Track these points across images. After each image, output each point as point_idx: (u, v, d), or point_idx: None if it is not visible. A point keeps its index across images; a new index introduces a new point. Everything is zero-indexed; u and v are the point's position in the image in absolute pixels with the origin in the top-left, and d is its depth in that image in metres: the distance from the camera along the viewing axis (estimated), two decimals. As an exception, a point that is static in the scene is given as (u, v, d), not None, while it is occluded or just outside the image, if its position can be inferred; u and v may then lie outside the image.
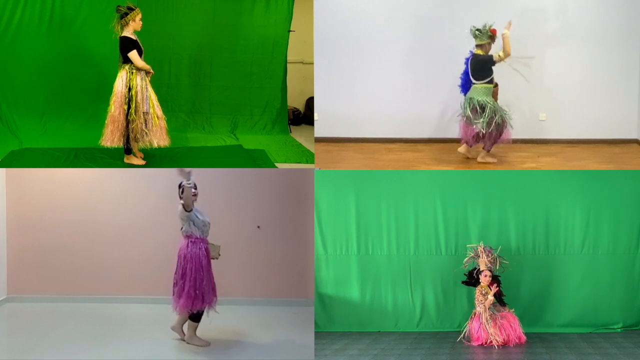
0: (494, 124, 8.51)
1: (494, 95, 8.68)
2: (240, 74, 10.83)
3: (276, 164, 9.06)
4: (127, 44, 7.94)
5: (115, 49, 9.58)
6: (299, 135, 10.93)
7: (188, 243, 6.98)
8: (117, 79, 8.02)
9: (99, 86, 8.93)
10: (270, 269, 8.81)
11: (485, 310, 7.48)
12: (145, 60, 9.88)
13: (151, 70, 8.10)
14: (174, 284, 7.01)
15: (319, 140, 9.78)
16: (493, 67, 8.55)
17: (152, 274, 8.57)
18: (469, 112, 8.62)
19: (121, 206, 8.80)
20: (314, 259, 8.44)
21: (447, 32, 9.69)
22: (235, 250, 8.63)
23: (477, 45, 8.65)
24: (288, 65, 11.00)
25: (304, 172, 8.79)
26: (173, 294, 7.01)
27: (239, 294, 7.44)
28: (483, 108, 8.53)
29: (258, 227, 8.81)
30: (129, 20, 7.95)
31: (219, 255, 7.17)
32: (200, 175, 8.54)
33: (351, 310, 8.40)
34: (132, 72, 7.98)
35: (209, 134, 10.54)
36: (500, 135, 8.63)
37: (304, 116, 12.14)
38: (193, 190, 6.93)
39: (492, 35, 8.55)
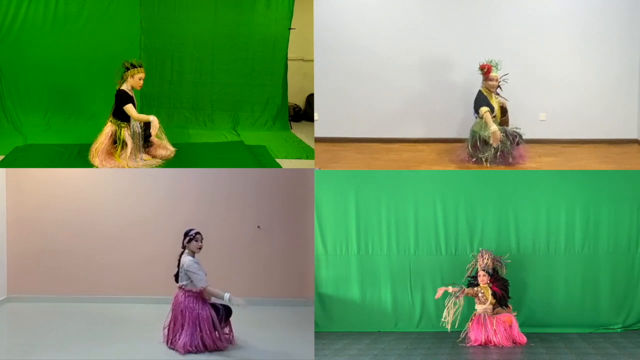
0: (498, 155, 8.35)
1: (505, 122, 8.50)
2: (241, 71, 10.63)
3: (277, 160, 8.84)
4: (122, 98, 7.83)
5: (117, 47, 9.40)
6: (299, 131, 10.74)
7: (185, 295, 6.75)
8: (103, 130, 7.96)
9: (103, 83, 8.70)
10: (270, 269, 8.63)
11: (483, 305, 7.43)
12: (148, 57, 9.74)
13: (150, 120, 7.92)
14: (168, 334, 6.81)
15: (319, 140, 9.56)
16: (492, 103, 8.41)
17: (152, 274, 8.37)
18: (469, 146, 8.45)
19: (121, 206, 8.63)
20: (314, 259, 8.29)
21: (447, 32, 9.48)
22: (235, 250, 8.53)
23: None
24: (288, 62, 10.81)
25: (304, 172, 8.59)
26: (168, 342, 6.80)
27: (239, 294, 7.18)
28: (486, 142, 8.32)
29: (258, 227, 8.62)
30: (128, 76, 7.83)
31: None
32: (200, 176, 8.60)
33: (351, 310, 8.27)
34: (120, 128, 7.88)
35: (211, 130, 10.36)
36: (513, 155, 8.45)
37: (304, 113, 11.99)
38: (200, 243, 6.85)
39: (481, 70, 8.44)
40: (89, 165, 7.90)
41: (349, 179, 8.24)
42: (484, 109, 8.25)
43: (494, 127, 8.18)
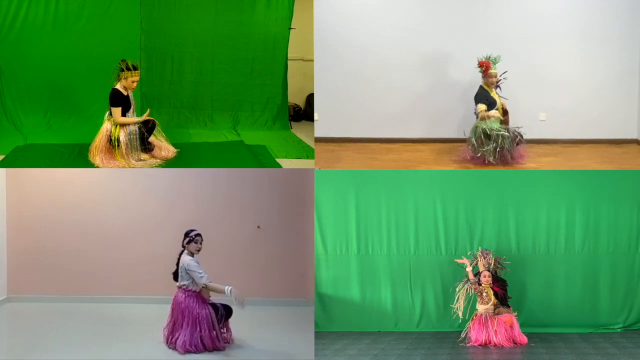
0: (497, 152, 8.29)
1: (505, 123, 8.48)
2: (241, 71, 10.60)
3: (277, 160, 8.82)
4: (114, 98, 7.85)
5: (118, 47, 9.38)
6: (299, 131, 10.70)
7: (185, 295, 6.71)
8: (101, 128, 7.97)
9: (103, 83, 8.65)
10: (270, 269, 8.56)
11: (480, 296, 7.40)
12: (148, 57, 9.72)
13: (141, 119, 7.98)
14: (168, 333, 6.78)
15: (319, 140, 9.53)
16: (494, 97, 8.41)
17: (152, 274, 8.29)
18: (473, 140, 8.41)
19: (121, 206, 8.57)
20: (314, 259, 8.24)
21: (447, 32, 9.46)
22: (235, 250, 8.47)
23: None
24: (288, 62, 10.78)
25: (304, 172, 8.53)
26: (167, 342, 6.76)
27: (239, 294, 7.21)
28: (489, 137, 8.29)
29: (258, 227, 8.55)
30: (122, 78, 7.84)
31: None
32: (200, 175, 8.53)
33: (351, 310, 8.23)
34: (116, 126, 7.86)
35: (211, 130, 10.34)
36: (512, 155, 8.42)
37: (304, 112, 11.96)
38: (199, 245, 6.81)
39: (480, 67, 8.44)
40: (89, 165, 7.87)
41: (349, 179, 8.20)
42: (479, 107, 8.28)
43: (492, 112, 8.24)
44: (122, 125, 7.81)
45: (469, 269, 7.50)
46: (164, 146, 8.29)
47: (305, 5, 9.86)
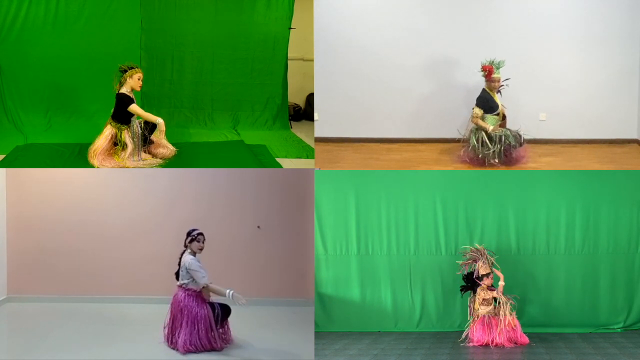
0: (502, 152, 8.28)
1: (503, 126, 8.45)
2: (241, 70, 10.58)
3: (277, 159, 8.80)
4: (125, 100, 7.75)
5: (118, 47, 9.34)
6: (299, 131, 10.68)
7: (185, 294, 6.71)
8: (102, 133, 7.88)
9: (103, 82, 8.66)
10: (270, 269, 8.55)
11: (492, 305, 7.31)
12: (148, 57, 9.73)
13: (158, 122, 7.88)
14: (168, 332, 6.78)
15: (319, 140, 9.50)
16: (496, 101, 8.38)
17: (152, 274, 8.33)
18: (474, 141, 8.36)
19: (121, 206, 8.55)
20: (314, 259, 8.22)
21: (448, 31, 9.40)
22: (235, 250, 8.46)
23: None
24: (288, 62, 10.76)
25: (304, 172, 8.52)
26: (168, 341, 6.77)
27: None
28: (491, 138, 8.26)
29: (258, 227, 8.55)
30: (127, 77, 7.75)
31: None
32: (200, 175, 8.54)
33: (351, 310, 8.20)
34: (121, 131, 7.79)
35: (211, 130, 10.31)
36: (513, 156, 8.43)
37: (304, 112, 11.96)
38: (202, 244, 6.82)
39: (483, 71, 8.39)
40: (89, 165, 7.83)
41: (349, 179, 8.17)
42: (475, 111, 8.28)
43: (491, 128, 8.21)
44: (146, 119, 7.81)
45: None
46: (162, 143, 8.25)
47: (305, 5, 9.84)
